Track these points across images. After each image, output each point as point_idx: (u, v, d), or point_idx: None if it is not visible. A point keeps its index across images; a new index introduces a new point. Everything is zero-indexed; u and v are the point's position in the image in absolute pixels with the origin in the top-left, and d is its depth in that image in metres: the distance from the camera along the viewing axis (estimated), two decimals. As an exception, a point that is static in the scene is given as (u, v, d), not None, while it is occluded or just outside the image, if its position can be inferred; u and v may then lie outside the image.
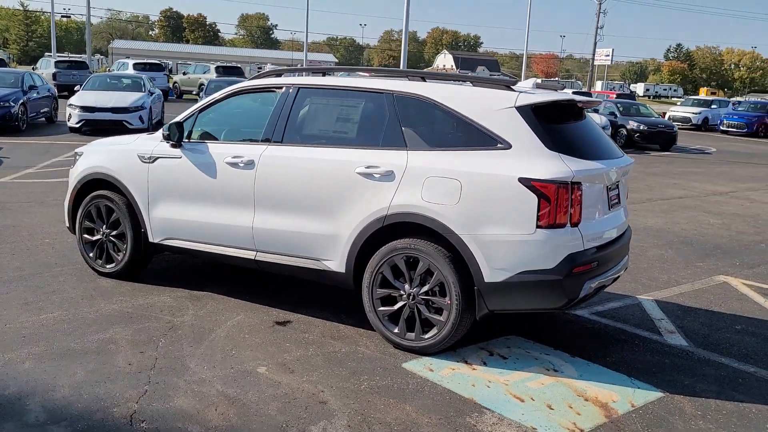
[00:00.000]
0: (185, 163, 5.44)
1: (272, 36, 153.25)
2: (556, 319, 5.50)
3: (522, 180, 4.21)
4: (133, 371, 4.18)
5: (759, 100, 42.25)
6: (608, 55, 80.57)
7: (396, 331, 4.67)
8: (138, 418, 3.61)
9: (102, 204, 5.94)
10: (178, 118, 5.62)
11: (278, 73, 5.56)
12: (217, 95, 5.61)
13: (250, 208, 5.15)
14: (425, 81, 4.91)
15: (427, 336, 4.56)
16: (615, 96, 31.42)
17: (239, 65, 36.78)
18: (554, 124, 4.48)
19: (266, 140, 5.18)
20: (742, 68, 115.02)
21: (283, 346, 4.67)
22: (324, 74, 5.37)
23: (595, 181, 4.46)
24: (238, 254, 5.30)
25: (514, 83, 4.73)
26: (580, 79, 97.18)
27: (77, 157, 6.29)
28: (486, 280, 4.30)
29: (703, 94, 78.86)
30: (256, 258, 5.21)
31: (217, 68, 32.87)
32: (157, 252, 5.94)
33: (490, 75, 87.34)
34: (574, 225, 4.27)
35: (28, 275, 5.95)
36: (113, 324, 4.92)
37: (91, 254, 6.07)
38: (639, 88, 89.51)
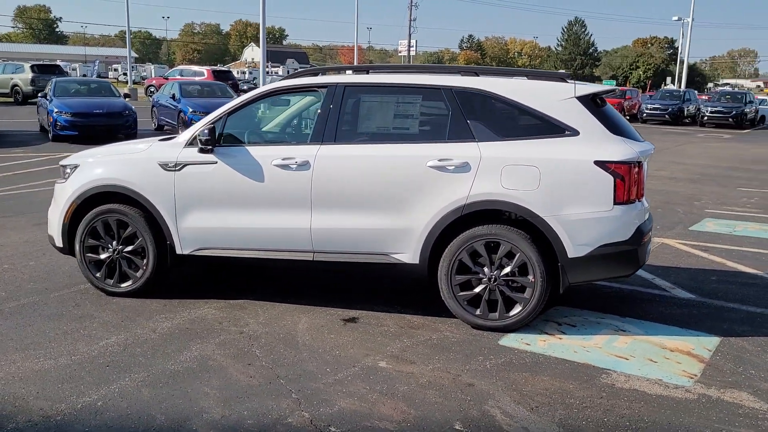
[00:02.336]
0: (223, 169, 5.26)
1: (57, 30, 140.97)
2: (575, 288, 6.06)
3: (598, 163, 4.69)
4: (264, 383, 4.08)
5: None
6: (412, 46, 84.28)
7: (478, 313, 4.95)
8: (322, 424, 3.60)
9: (112, 219, 5.54)
10: (203, 123, 5.39)
11: (314, 72, 5.54)
12: (247, 96, 5.47)
13: (307, 209, 5.13)
14: (478, 75, 5.19)
15: (511, 314, 4.90)
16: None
17: (58, 63, 33.69)
18: (603, 110, 5.00)
19: (317, 140, 5.17)
20: (524, 56, 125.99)
21: (376, 341, 4.76)
22: (368, 72, 5.44)
23: (646, 160, 5.06)
24: (291, 257, 5.24)
25: (569, 75, 5.18)
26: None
27: (69, 169, 5.76)
28: (570, 256, 4.74)
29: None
30: (314, 259, 5.21)
31: (33, 67, 29.91)
32: (180, 265, 5.66)
33: (300, 67, 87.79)
34: (639, 200, 4.84)
35: (32, 303, 5.40)
36: (187, 341, 4.70)
37: (98, 274, 5.63)
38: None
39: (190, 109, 17.72)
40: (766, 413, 3.80)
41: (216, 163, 5.28)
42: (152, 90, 34.63)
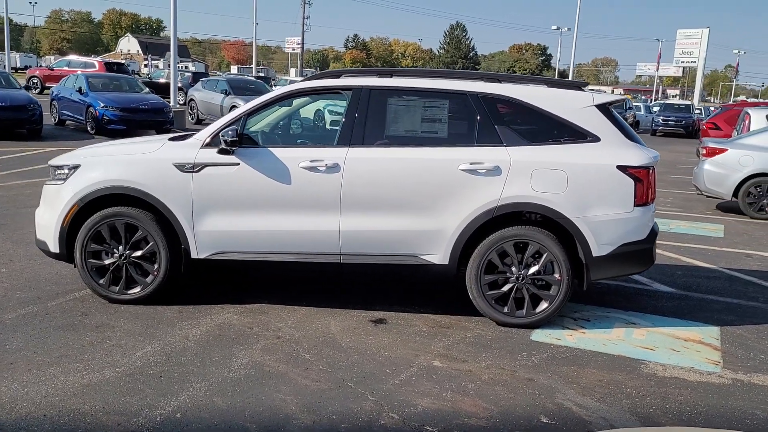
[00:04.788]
0: (246, 171, 5.16)
1: None
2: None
3: (620, 167, 5.03)
4: (334, 387, 4.09)
5: None
6: (299, 44, 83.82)
7: (506, 310, 5.17)
8: (415, 424, 3.67)
9: (119, 222, 5.28)
10: (223, 124, 5.26)
11: (336, 74, 5.53)
12: (266, 98, 5.38)
13: (335, 211, 5.13)
14: (501, 82, 5.39)
15: (538, 310, 5.15)
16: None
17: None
18: (617, 118, 5.35)
19: (344, 143, 5.18)
20: (408, 58, 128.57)
21: (416, 342, 4.86)
22: (392, 76, 5.49)
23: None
24: (318, 260, 5.23)
25: (585, 84, 5.49)
26: (266, 66, 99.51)
27: (66, 170, 5.41)
28: (594, 255, 5.05)
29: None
30: (341, 261, 5.22)
31: None
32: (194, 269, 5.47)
33: (181, 61, 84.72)
34: (652, 202, 5.24)
35: (33, 314, 5.07)
36: (228, 348, 4.59)
37: (101, 281, 5.35)
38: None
39: (101, 104, 16.80)
40: (793, 393, 4.25)
41: (238, 164, 5.16)
42: (35, 81, 32.34)
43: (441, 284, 6.11)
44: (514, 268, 5.13)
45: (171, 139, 5.57)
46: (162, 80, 32.37)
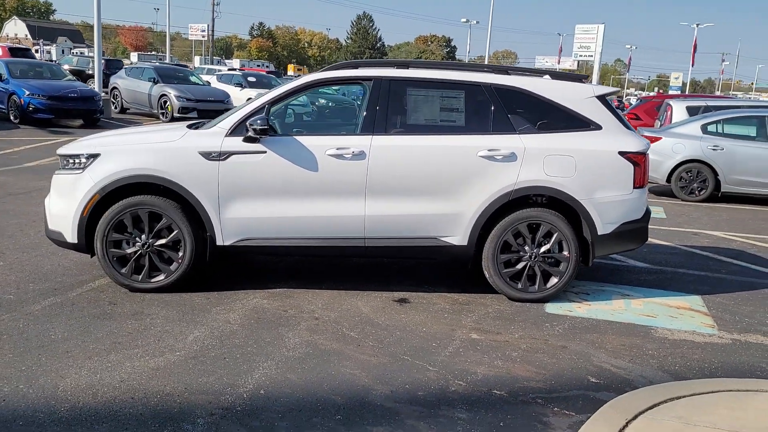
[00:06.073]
0: (273, 158, 5.30)
1: None
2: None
3: (621, 153, 5.53)
4: (412, 360, 4.35)
5: None
6: (203, 30, 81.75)
7: (520, 287, 5.58)
8: (484, 389, 3.99)
9: (143, 211, 5.30)
10: (246, 112, 5.37)
11: (354, 65, 5.72)
12: (288, 87, 5.53)
13: (361, 197, 5.37)
14: (509, 74, 5.76)
15: (549, 285, 5.59)
16: (267, 71, 33.05)
17: None
18: (614, 108, 5.84)
19: (367, 131, 5.41)
20: (314, 47, 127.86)
21: (446, 318, 5.19)
22: (408, 67, 5.74)
23: (647, 151, 6.00)
24: (343, 244, 5.44)
25: (586, 77, 5.95)
26: (163, 52, 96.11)
27: (84, 159, 5.35)
28: (599, 233, 5.53)
29: (291, 71, 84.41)
30: (366, 245, 5.46)
31: None
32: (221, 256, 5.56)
33: (74, 46, 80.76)
34: (646, 185, 5.78)
35: (58, 305, 5.04)
36: (275, 329, 4.76)
37: (123, 270, 5.36)
38: (235, 64, 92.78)
39: (26, 92, 16.05)
40: (783, 349, 4.88)
41: (265, 152, 5.29)
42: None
43: (449, 265, 6.47)
44: (527, 247, 5.54)
45: (189, 125, 5.61)
46: (67, 67, 30.94)
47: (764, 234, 9.20)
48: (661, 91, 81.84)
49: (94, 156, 5.35)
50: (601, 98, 5.69)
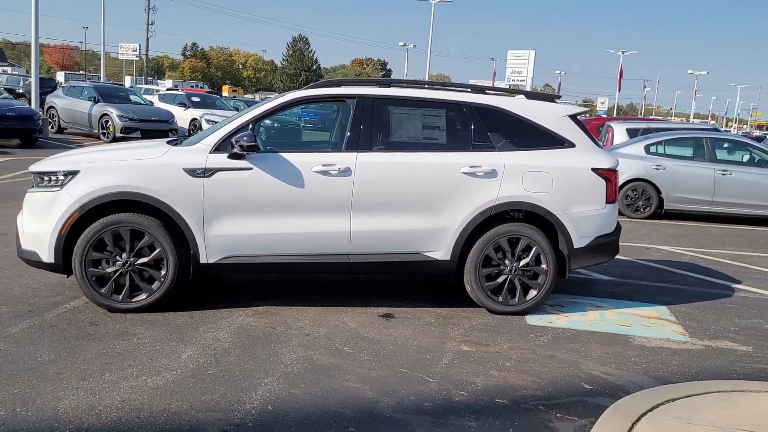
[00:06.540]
0: (259, 175, 5.30)
1: None
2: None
3: (594, 170, 5.78)
4: (392, 374, 4.40)
5: None
6: (135, 50, 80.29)
7: (500, 300, 5.72)
8: (486, 398, 4.08)
9: (124, 229, 5.20)
10: (230, 129, 5.36)
11: (337, 83, 5.79)
12: (271, 105, 5.55)
13: (346, 213, 5.42)
14: (486, 94, 5.95)
15: (528, 298, 5.75)
16: (205, 92, 32.63)
17: None
18: (584, 127, 6.10)
19: (352, 148, 5.48)
20: (249, 68, 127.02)
21: (433, 331, 5.27)
22: (390, 85, 5.84)
23: (614, 168, 6.27)
24: (328, 260, 5.47)
25: (558, 97, 6.19)
26: (91, 71, 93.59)
27: (61, 176, 5.21)
28: (575, 246, 5.75)
29: (226, 92, 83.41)
30: (351, 261, 5.50)
31: None
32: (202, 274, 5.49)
33: (-2, 65, 77.81)
34: (617, 200, 6.04)
35: (37, 326, 4.89)
36: (267, 347, 4.73)
37: (102, 290, 5.23)
38: (168, 84, 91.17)
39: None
40: (752, 352, 5.16)
41: (251, 169, 5.29)
42: None
43: (427, 280, 6.57)
44: (507, 261, 5.69)
45: (168, 142, 5.55)
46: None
47: (709, 248, 9.69)
48: (588, 115, 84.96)
49: (73, 173, 5.22)
50: (573, 117, 5.93)
